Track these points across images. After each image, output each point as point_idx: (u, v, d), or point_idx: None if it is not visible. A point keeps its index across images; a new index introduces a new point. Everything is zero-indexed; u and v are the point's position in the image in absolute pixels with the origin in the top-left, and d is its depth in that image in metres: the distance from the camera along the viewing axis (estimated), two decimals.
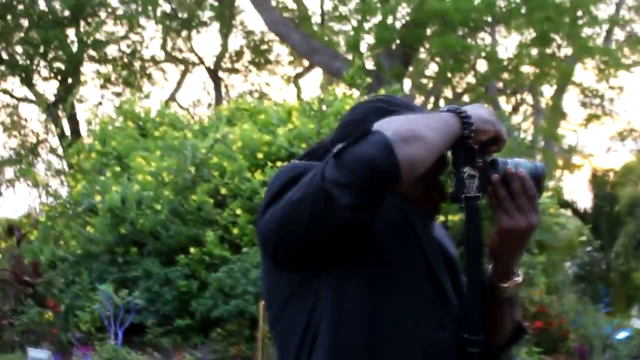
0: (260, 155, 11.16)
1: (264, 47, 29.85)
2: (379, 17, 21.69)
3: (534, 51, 22.97)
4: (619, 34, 26.64)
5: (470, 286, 2.08)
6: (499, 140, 2.08)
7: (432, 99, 26.75)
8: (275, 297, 2.14)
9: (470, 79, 26.57)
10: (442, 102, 26.65)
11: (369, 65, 22.00)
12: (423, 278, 2.10)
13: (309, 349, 2.02)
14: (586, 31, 22.39)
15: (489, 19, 22.30)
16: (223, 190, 10.95)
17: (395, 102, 2.24)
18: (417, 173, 1.89)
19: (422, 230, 2.15)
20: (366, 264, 2.02)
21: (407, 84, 24.85)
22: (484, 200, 2.09)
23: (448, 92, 27.81)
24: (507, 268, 2.16)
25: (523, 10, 21.27)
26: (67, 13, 26.15)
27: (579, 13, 21.18)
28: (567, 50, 23.63)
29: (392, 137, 1.83)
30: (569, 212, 20.15)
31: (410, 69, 24.62)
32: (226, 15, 28.90)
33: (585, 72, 26.23)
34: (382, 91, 12.94)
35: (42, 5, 26.19)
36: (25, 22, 26.43)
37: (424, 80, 27.31)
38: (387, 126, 1.88)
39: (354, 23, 23.85)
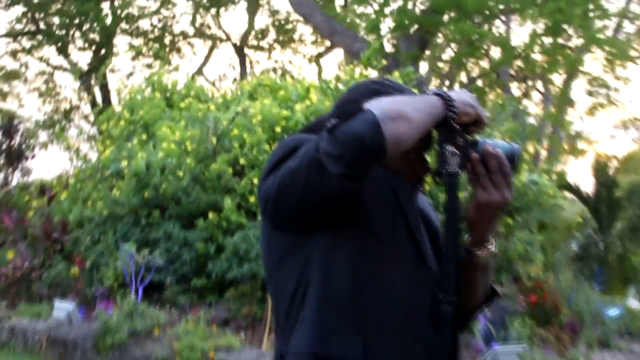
0: (278, 129, 11.21)
1: (289, 26, 29.81)
2: (399, 2, 21.67)
3: (547, 40, 22.91)
4: (628, 27, 26.55)
5: (447, 252, 2.19)
6: (479, 122, 2.18)
7: (447, 83, 26.71)
8: (272, 254, 2.27)
9: (484, 64, 26.50)
10: (457, 86, 26.60)
11: (388, 47, 22.01)
12: (404, 242, 2.22)
13: (301, 298, 2.15)
14: (596, 23, 22.29)
15: (504, 8, 22.22)
16: (242, 161, 11.01)
17: (387, 85, 2.36)
18: (402, 148, 2.01)
19: (406, 201, 2.28)
20: (354, 228, 2.15)
21: (424, 67, 24.86)
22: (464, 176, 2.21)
23: (463, 77, 27.76)
24: (482, 237, 2.27)
25: (538, 1, 21.17)
26: None
27: (590, 6, 21.06)
28: (577, 41, 23.55)
29: (380, 115, 1.95)
30: (572, 195, 20.18)
31: (427, 52, 24.59)
32: None
33: (594, 62, 26.16)
34: (397, 73, 13.00)
35: None
36: None
37: (440, 64, 27.24)
38: (377, 106, 2.00)
39: (375, 7, 23.81)
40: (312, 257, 2.16)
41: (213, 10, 29.37)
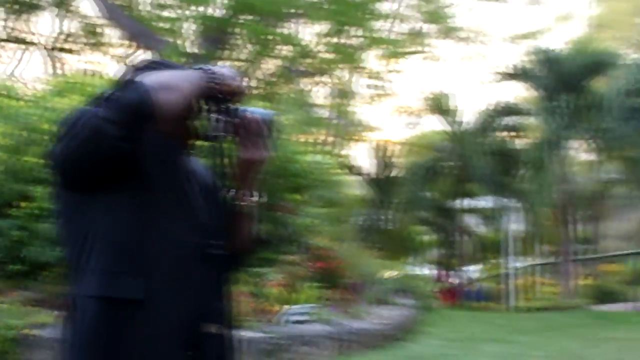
0: None
1: (98, 30, 29.16)
2: (200, 7, 21.67)
3: (333, 39, 23.51)
4: (401, 27, 27.65)
5: (215, 202, 2.35)
6: (240, 92, 2.33)
7: (245, 79, 26.86)
8: (63, 211, 2.33)
9: (278, 62, 26.83)
10: (254, 83, 26.83)
11: (190, 47, 21.96)
12: (178, 196, 2.34)
13: (90, 247, 2.22)
14: (374, 25, 23.06)
15: (292, 12, 22.62)
16: None
17: (161, 63, 2.48)
18: (170, 113, 2.12)
19: (179, 162, 2.41)
20: (133, 185, 2.23)
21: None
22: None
23: (259, 73, 28.01)
24: (247, 189, 2.44)
25: (324, 6, 21.66)
26: None
27: (367, 9, 21.78)
28: (359, 40, 24.29)
29: (149, 85, 2.07)
30: (358, 177, 20.85)
31: (227, 52, 24.68)
32: (63, 1, 28.06)
33: (374, 59, 27.06)
34: None
35: None
36: None
37: (238, 63, 27.38)
38: (148, 78, 2.12)
39: (178, 11, 23.68)
40: (98, 212, 2.23)
41: (24, 16, 28.32)
